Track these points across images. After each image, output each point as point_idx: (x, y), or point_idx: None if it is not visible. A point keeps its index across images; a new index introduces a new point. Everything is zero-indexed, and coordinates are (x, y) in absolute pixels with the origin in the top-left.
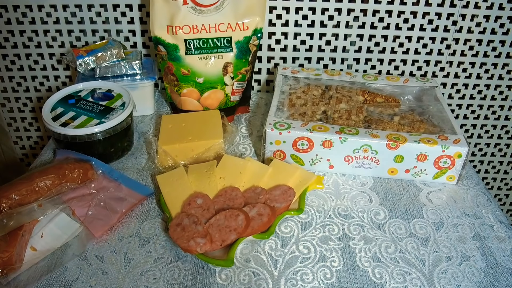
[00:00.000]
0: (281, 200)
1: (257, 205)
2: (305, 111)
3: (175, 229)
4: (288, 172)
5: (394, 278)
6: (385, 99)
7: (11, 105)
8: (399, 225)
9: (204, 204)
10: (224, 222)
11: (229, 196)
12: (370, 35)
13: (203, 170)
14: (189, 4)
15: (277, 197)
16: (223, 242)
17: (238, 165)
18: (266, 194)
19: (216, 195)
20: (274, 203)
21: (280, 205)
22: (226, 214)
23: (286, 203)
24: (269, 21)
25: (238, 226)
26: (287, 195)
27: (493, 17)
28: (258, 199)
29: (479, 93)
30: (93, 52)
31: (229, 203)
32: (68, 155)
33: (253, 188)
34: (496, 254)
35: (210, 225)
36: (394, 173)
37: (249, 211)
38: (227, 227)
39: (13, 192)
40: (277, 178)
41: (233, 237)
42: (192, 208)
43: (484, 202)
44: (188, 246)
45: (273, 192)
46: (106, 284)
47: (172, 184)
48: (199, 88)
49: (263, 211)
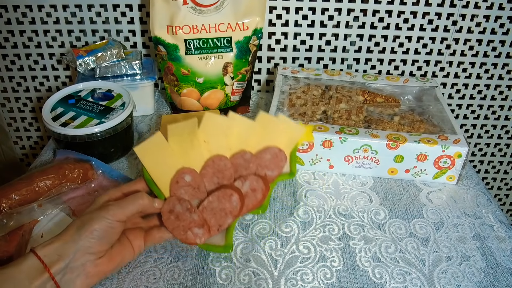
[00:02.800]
0: (272, 166)
1: (249, 178)
2: (305, 111)
3: (168, 217)
4: (276, 127)
5: (394, 278)
6: (385, 99)
7: (11, 105)
8: (399, 225)
9: (193, 182)
10: (218, 205)
11: (217, 167)
12: (370, 35)
13: (185, 132)
14: (189, 4)
15: (267, 163)
16: (220, 227)
17: (223, 125)
18: (256, 160)
19: (204, 166)
20: (266, 170)
21: (272, 173)
22: (219, 195)
23: (278, 170)
24: (269, 21)
25: (233, 208)
26: (278, 160)
27: (493, 17)
28: (248, 167)
29: (479, 93)
30: (93, 52)
31: (218, 175)
32: (68, 155)
33: (242, 153)
34: (496, 254)
35: (203, 209)
36: (394, 173)
37: (241, 186)
38: (222, 210)
39: (13, 192)
40: (265, 137)
41: (229, 221)
42: (181, 187)
43: (484, 202)
44: (186, 238)
45: (263, 156)
46: (106, 284)
47: (154, 156)
48: (199, 88)
49: (256, 185)
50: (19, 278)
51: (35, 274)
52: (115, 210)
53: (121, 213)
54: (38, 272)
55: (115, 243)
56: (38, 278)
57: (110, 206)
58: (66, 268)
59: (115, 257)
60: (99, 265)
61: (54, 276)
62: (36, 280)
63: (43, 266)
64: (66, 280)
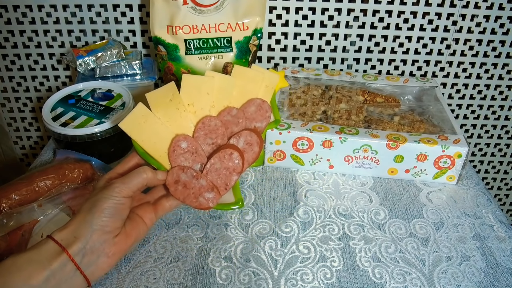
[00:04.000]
0: (259, 118)
1: (243, 133)
2: (305, 111)
3: (175, 188)
4: (252, 77)
5: (394, 278)
6: (385, 99)
7: (11, 105)
8: (399, 225)
9: (190, 147)
10: (221, 165)
11: (208, 127)
12: (370, 35)
13: (167, 100)
14: (189, 4)
15: (254, 115)
16: (227, 186)
17: (203, 84)
18: (243, 114)
19: (195, 130)
20: (254, 123)
21: (261, 125)
22: (219, 156)
23: (266, 121)
24: (269, 21)
25: (236, 165)
26: (263, 111)
27: (493, 17)
28: (238, 123)
29: (479, 93)
30: (93, 52)
31: (211, 135)
32: (68, 155)
33: (228, 110)
34: (496, 254)
35: (208, 172)
36: (394, 173)
37: (237, 142)
38: (226, 169)
39: (13, 192)
40: (245, 89)
41: (235, 178)
42: (179, 154)
43: (484, 202)
44: (200, 204)
45: (248, 109)
46: (106, 284)
47: (142, 128)
48: None
49: (251, 139)
50: (38, 260)
51: (54, 255)
52: (120, 187)
53: (126, 188)
54: (56, 253)
55: (127, 221)
56: (56, 259)
57: (114, 184)
58: (85, 249)
59: (131, 233)
60: (117, 244)
61: (73, 257)
62: (54, 261)
63: (61, 248)
64: (87, 262)
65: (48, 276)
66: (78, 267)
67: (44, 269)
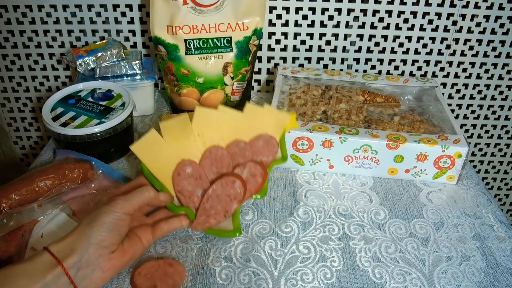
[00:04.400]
0: (266, 152)
1: (247, 164)
2: (305, 111)
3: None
4: (263, 116)
5: (394, 278)
6: (385, 99)
7: (11, 105)
8: (399, 225)
9: (194, 172)
10: (222, 192)
11: (214, 156)
12: (370, 35)
13: (178, 129)
14: (189, 4)
15: (261, 149)
16: (227, 213)
17: (214, 118)
18: (251, 147)
19: (202, 158)
20: (261, 156)
21: (268, 159)
22: (222, 183)
23: (273, 156)
24: (269, 21)
25: (237, 193)
26: (271, 146)
27: (493, 17)
28: (244, 155)
29: (479, 93)
30: (93, 52)
31: (217, 164)
32: (68, 155)
33: (236, 142)
34: (496, 254)
35: (209, 197)
36: (394, 173)
37: (241, 172)
38: (227, 196)
39: (13, 192)
40: (254, 126)
41: (235, 206)
42: (183, 178)
43: (484, 202)
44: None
45: (256, 143)
46: (106, 284)
47: (152, 152)
48: (199, 88)
49: (255, 170)
50: (32, 272)
51: (48, 268)
52: (122, 203)
53: (128, 205)
54: (51, 266)
55: (125, 239)
56: (51, 272)
57: (117, 200)
58: (80, 262)
59: (128, 250)
60: (113, 259)
61: (68, 270)
62: (49, 273)
63: (56, 261)
64: (81, 275)
65: None
66: (72, 281)
67: (38, 282)
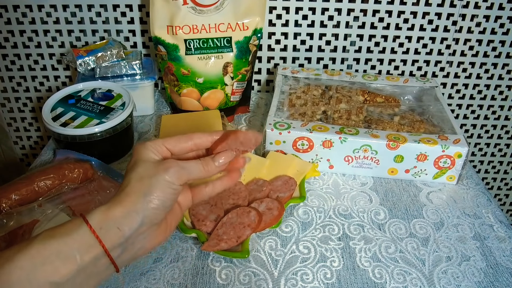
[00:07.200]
0: (284, 190)
1: (265, 200)
2: (305, 111)
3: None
4: (285, 162)
5: (394, 278)
6: (385, 99)
7: (11, 105)
8: (399, 225)
9: (211, 199)
10: (237, 220)
11: (232, 190)
12: (370, 35)
13: None
14: (189, 4)
15: (279, 187)
16: (239, 238)
17: None
18: (269, 185)
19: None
20: (278, 193)
21: (284, 195)
22: (238, 212)
23: (290, 192)
24: (269, 21)
25: (252, 221)
26: (289, 185)
27: (493, 17)
28: (262, 191)
29: (479, 93)
30: (93, 52)
31: (234, 197)
32: (68, 155)
33: (255, 180)
34: (496, 254)
35: (223, 224)
36: (394, 173)
37: (258, 206)
38: (241, 223)
39: (13, 192)
40: (276, 170)
41: (248, 233)
42: (199, 204)
43: (484, 202)
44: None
45: (275, 183)
46: (106, 284)
47: None
48: (199, 88)
49: (272, 205)
50: (67, 252)
51: (87, 248)
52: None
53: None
54: (90, 246)
55: None
56: (90, 253)
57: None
58: (126, 243)
59: (171, 223)
60: (158, 236)
61: (110, 252)
62: (87, 255)
63: (97, 240)
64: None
65: (77, 271)
66: (113, 261)
67: (74, 264)
